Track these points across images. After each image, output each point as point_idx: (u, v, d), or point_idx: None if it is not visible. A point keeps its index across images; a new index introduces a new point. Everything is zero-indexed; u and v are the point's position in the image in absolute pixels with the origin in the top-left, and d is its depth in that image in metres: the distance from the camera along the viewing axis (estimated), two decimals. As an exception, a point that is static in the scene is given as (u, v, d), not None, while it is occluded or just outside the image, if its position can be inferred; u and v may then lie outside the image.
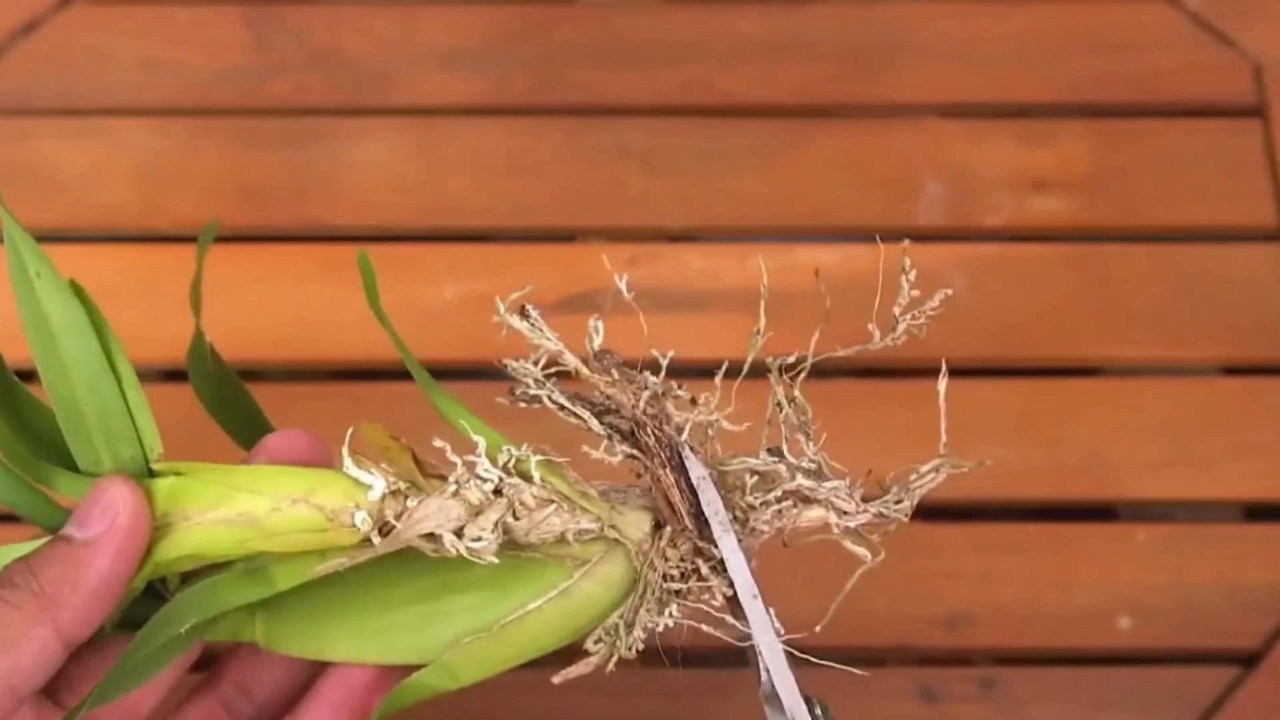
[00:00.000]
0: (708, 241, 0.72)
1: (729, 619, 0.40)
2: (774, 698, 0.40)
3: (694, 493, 0.40)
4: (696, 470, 0.40)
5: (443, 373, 0.69)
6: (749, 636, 0.39)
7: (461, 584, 0.40)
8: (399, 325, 0.69)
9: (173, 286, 0.70)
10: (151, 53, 0.76)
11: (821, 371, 0.67)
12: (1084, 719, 0.61)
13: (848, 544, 0.40)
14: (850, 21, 0.78)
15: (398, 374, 0.69)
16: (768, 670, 0.40)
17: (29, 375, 0.44)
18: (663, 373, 0.41)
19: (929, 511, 0.67)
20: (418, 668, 0.41)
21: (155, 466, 0.40)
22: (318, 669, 0.43)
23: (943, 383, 0.41)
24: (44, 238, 0.71)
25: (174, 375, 0.69)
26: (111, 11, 0.78)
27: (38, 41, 0.77)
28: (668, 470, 0.40)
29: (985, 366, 0.68)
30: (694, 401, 0.41)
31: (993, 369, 0.68)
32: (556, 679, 0.40)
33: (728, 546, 0.39)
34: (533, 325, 0.42)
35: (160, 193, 0.72)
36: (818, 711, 0.40)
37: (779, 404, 0.42)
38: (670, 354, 0.42)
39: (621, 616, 0.40)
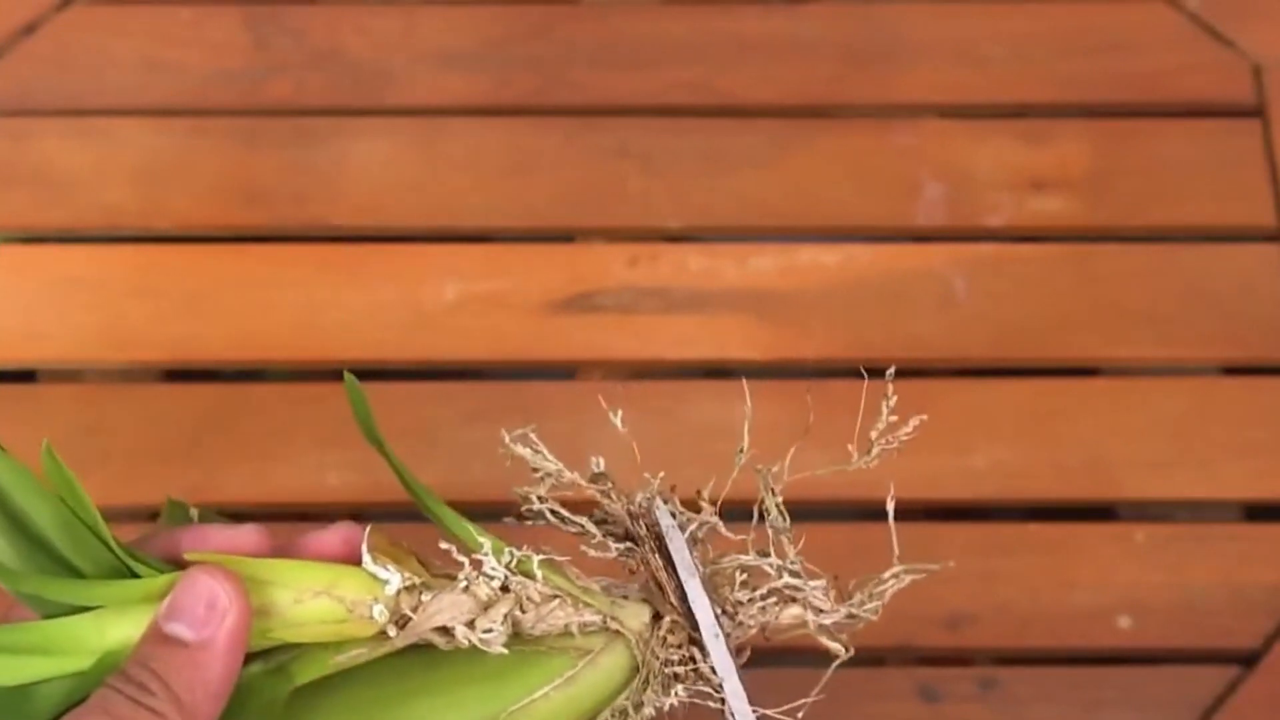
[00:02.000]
0: (708, 241, 0.72)
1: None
2: None
3: (683, 592, 0.43)
4: (685, 571, 0.43)
5: (442, 372, 0.69)
6: None
7: (471, 676, 0.42)
8: (399, 325, 0.69)
9: (173, 286, 0.70)
10: (151, 53, 0.76)
11: (831, 372, 0.68)
12: (1084, 718, 0.61)
13: (823, 640, 0.44)
14: (850, 21, 0.78)
15: (398, 374, 0.69)
16: None
17: (29, 375, 0.44)
18: (655, 484, 0.46)
19: (930, 512, 0.67)
20: None
21: (189, 556, 0.41)
22: None
23: (890, 505, 0.44)
24: (44, 238, 0.72)
25: (174, 375, 0.69)
26: (112, 12, 0.78)
27: (38, 42, 0.77)
28: (660, 571, 0.43)
29: (985, 366, 0.68)
30: (689, 506, 0.44)
31: (993, 369, 0.68)
32: None
33: (717, 652, 0.43)
34: (534, 452, 0.45)
35: (160, 193, 0.72)
36: None
37: (765, 510, 0.46)
38: (660, 475, 0.46)
39: (628, 699, 0.42)
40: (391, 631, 0.41)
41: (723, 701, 0.43)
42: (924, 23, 0.78)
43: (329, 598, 0.41)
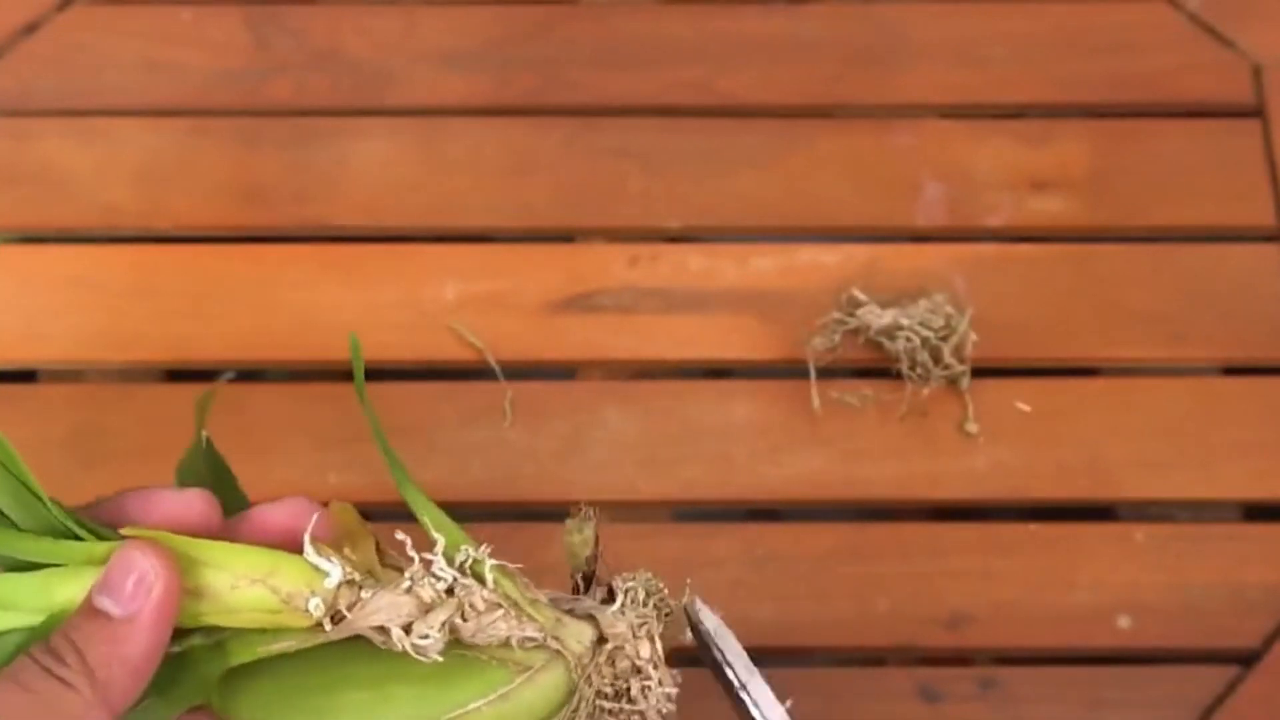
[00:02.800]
0: (708, 241, 0.72)
1: None
2: None
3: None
4: (746, 672, 0.43)
5: (442, 372, 0.69)
6: None
7: (408, 675, 0.41)
8: (399, 325, 0.69)
9: (173, 286, 0.70)
10: (151, 53, 0.76)
11: (829, 371, 0.68)
12: (1084, 719, 0.61)
13: None
14: (850, 21, 0.78)
15: (398, 374, 0.69)
16: None
17: (29, 375, 0.44)
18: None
19: (930, 512, 0.67)
20: None
21: (125, 532, 0.40)
22: None
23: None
24: (44, 238, 0.72)
25: (175, 375, 0.69)
26: (112, 12, 0.78)
27: (38, 42, 0.77)
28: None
29: (985, 366, 0.68)
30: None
31: (992, 369, 0.68)
32: None
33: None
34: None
35: (161, 193, 0.72)
36: None
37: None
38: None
39: None
40: (327, 626, 0.40)
41: None
42: (924, 23, 0.78)
43: (265, 586, 0.40)
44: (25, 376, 0.68)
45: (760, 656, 0.47)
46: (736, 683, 0.43)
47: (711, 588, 0.63)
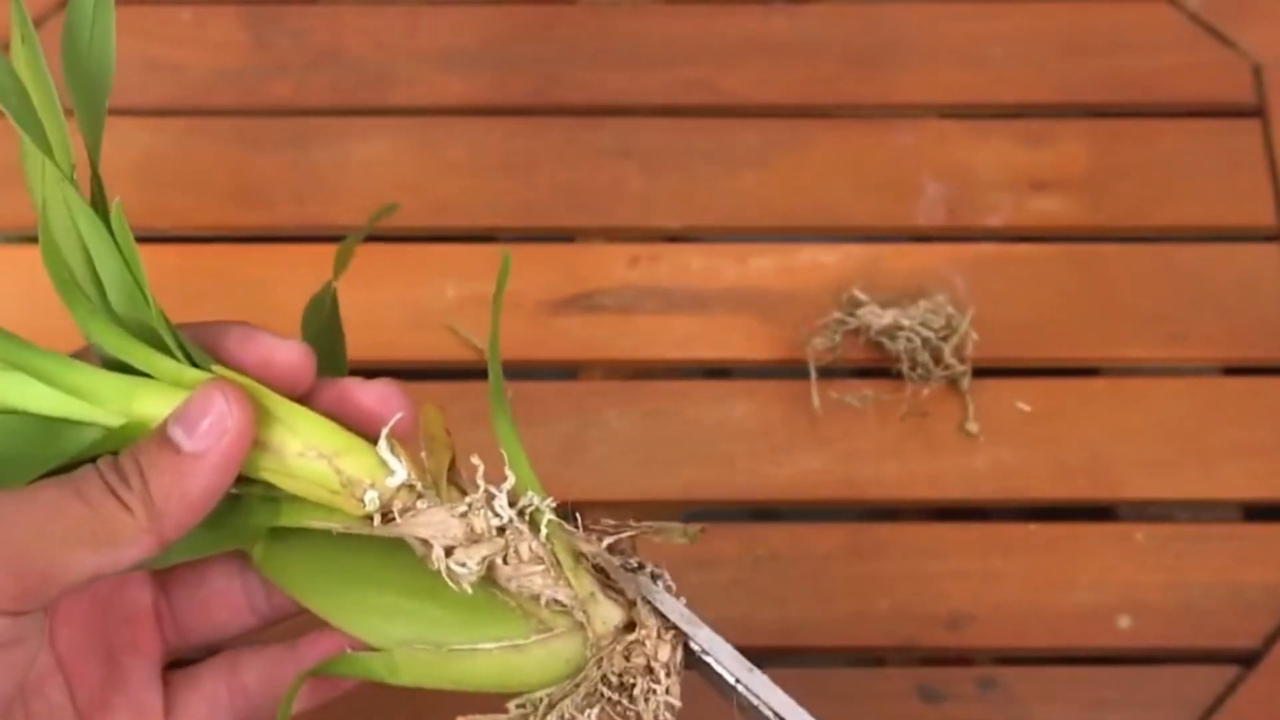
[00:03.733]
0: (708, 241, 0.72)
1: None
2: None
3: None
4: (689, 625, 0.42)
5: (442, 372, 0.69)
6: None
7: (435, 594, 0.41)
8: (398, 325, 0.69)
9: (173, 286, 0.70)
10: (151, 53, 0.76)
11: (829, 371, 0.68)
12: (1084, 719, 0.61)
13: None
14: (850, 21, 0.78)
15: (398, 374, 0.69)
16: None
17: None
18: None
19: (930, 512, 0.67)
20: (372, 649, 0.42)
21: (216, 370, 0.40)
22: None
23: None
24: (44, 238, 0.72)
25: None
26: (111, 11, 0.77)
27: (39, 41, 0.76)
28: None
29: (985, 366, 0.68)
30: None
31: (993, 369, 0.68)
32: None
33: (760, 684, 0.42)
34: None
35: (161, 193, 0.72)
36: None
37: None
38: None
39: (549, 695, 0.41)
40: (376, 521, 0.40)
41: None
42: (924, 23, 0.78)
43: (329, 464, 0.40)
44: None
45: (760, 656, 0.47)
46: (698, 650, 0.42)
47: (711, 588, 0.63)
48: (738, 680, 0.42)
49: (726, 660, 0.42)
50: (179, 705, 0.44)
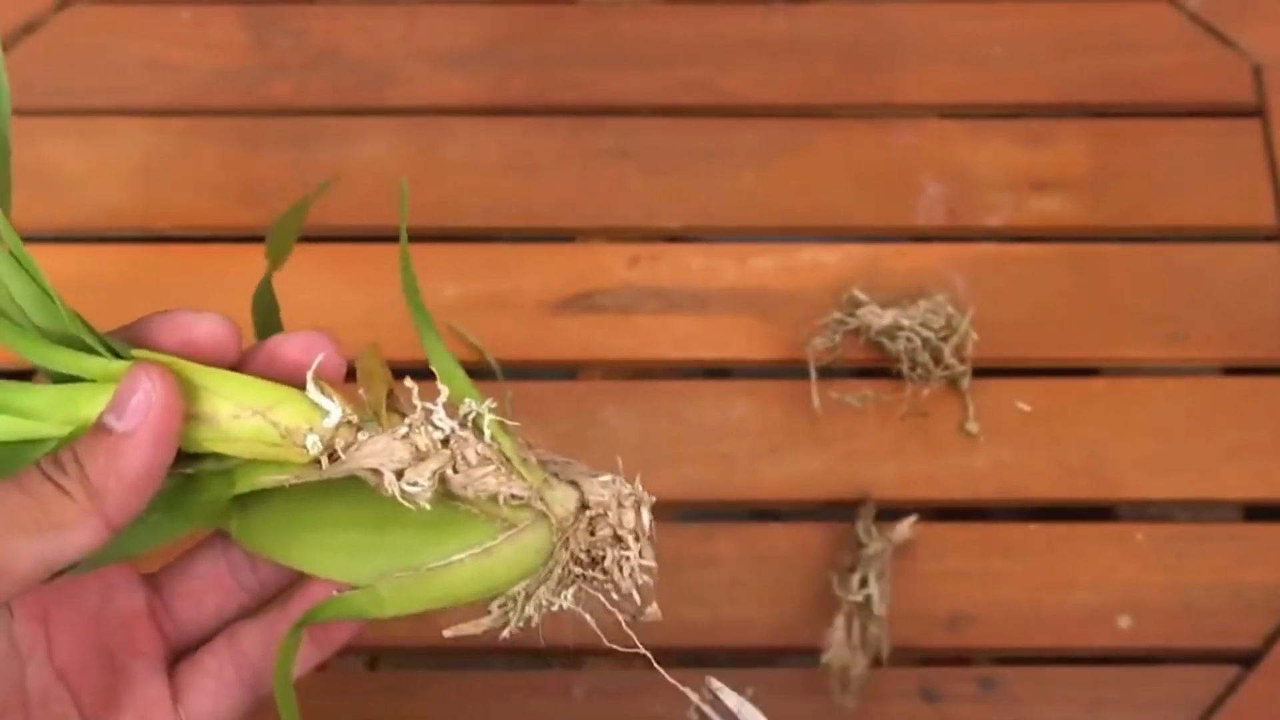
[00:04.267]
0: (708, 241, 0.72)
1: (622, 620, 0.41)
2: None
3: None
4: None
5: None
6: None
7: (401, 521, 0.41)
8: (398, 324, 0.69)
9: (173, 286, 0.70)
10: (151, 53, 0.76)
11: (829, 371, 0.68)
12: (1084, 719, 0.61)
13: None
14: (850, 21, 0.78)
15: (398, 374, 0.69)
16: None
17: (30, 375, 0.44)
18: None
19: (930, 512, 0.67)
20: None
21: (135, 353, 0.41)
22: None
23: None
24: (45, 238, 0.72)
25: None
26: (111, 12, 0.78)
27: (38, 42, 0.77)
28: None
29: (985, 366, 0.68)
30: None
31: (993, 369, 0.68)
32: (447, 632, 0.42)
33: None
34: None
35: (161, 193, 0.72)
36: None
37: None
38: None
39: (525, 587, 0.41)
40: (324, 464, 0.41)
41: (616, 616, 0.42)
42: (924, 23, 0.78)
43: (264, 419, 0.41)
44: (26, 376, 0.68)
45: (760, 656, 0.47)
46: None
47: (711, 588, 0.63)
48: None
49: None
50: (187, 689, 0.44)
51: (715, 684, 0.41)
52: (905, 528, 0.63)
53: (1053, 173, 0.73)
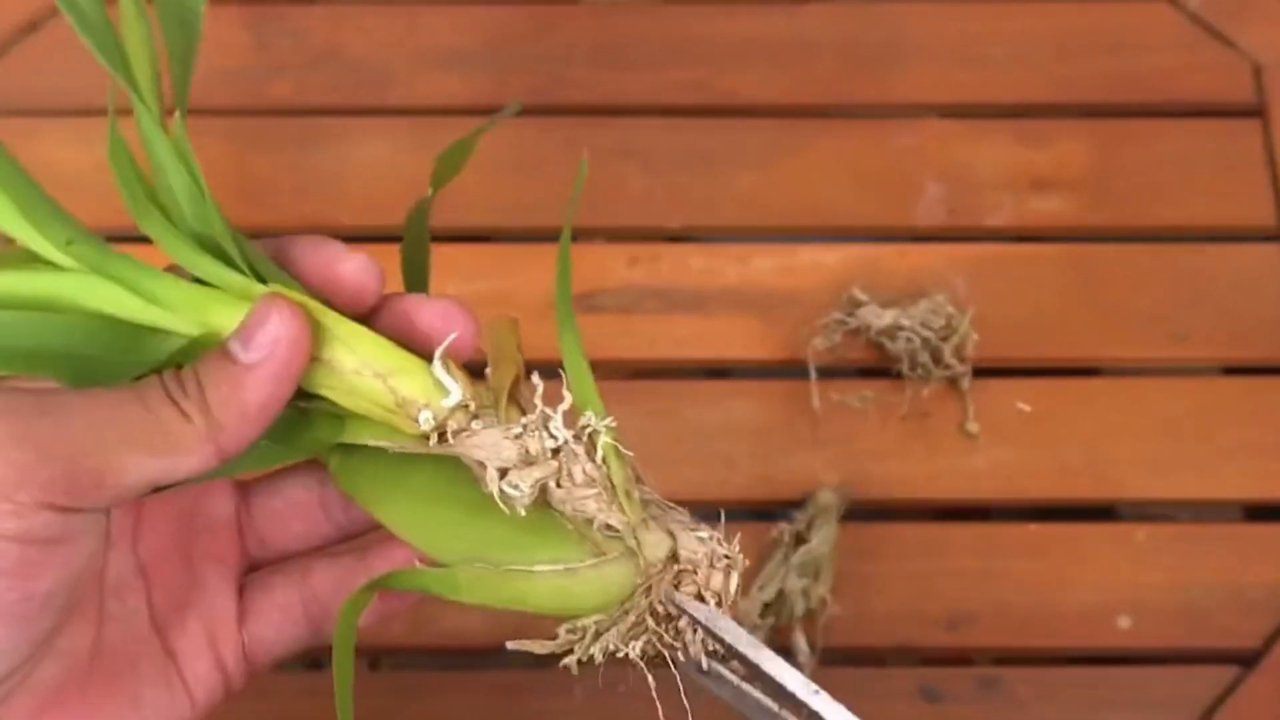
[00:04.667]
0: (708, 241, 0.72)
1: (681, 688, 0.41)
2: None
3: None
4: (751, 649, 0.40)
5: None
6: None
7: (496, 512, 0.41)
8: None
9: (173, 286, 0.70)
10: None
11: (829, 371, 0.68)
12: (1084, 719, 0.61)
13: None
14: (850, 21, 0.78)
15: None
16: None
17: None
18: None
19: (930, 512, 0.67)
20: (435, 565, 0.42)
21: (272, 287, 0.40)
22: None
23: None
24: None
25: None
26: (112, 12, 0.77)
27: (39, 41, 0.77)
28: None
29: (985, 366, 0.68)
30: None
31: (993, 369, 0.68)
32: (511, 644, 0.41)
33: (823, 705, 0.40)
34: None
35: (160, 193, 0.72)
36: None
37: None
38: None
39: (597, 623, 0.41)
40: (432, 441, 0.40)
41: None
42: (924, 23, 0.78)
43: (384, 384, 0.40)
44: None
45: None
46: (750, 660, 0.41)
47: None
48: (781, 707, 0.42)
49: (793, 683, 0.41)
50: (253, 612, 0.44)
51: (679, 597, 0.40)
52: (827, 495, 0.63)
53: (1053, 173, 0.73)
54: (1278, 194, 0.72)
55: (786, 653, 0.61)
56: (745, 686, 0.42)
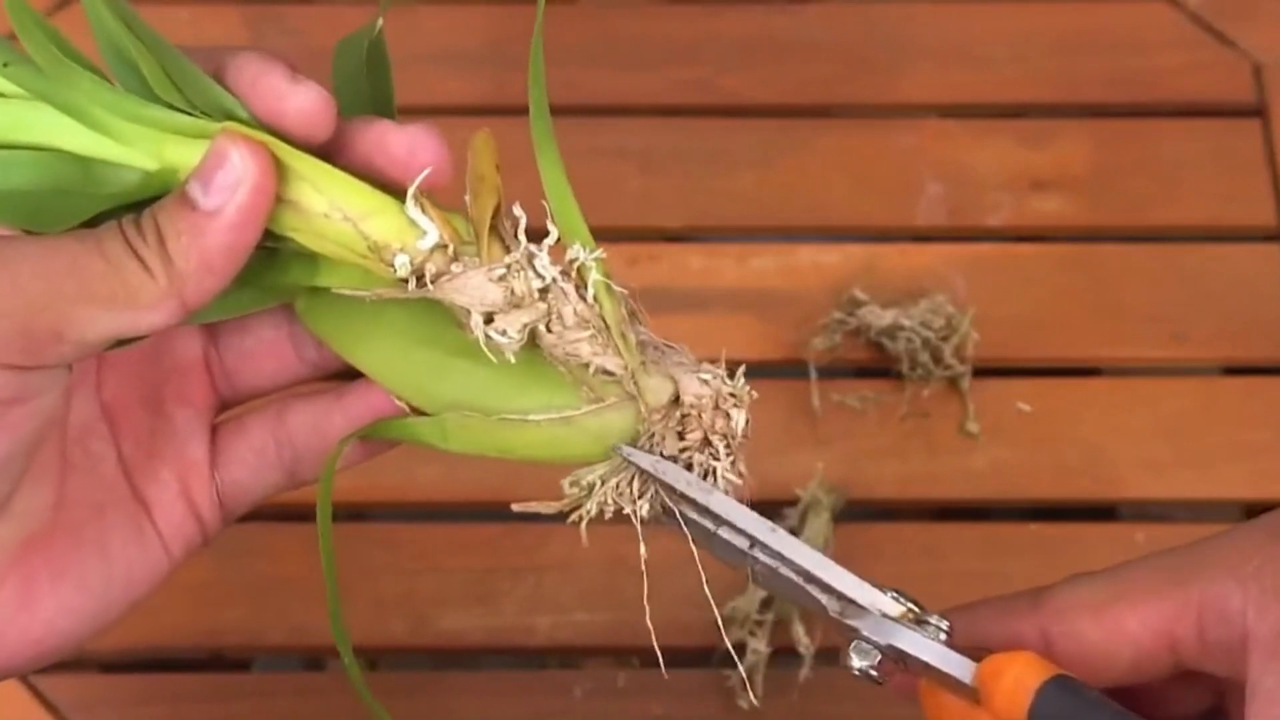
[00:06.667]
0: (708, 241, 0.72)
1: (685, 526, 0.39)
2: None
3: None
4: (701, 493, 0.39)
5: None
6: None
7: (486, 357, 0.38)
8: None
9: (173, 286, 0.70)
10: (151, 53, 0.76)
11: (829, 371, 0.67)
12: (1084, 719, 0.61)
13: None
14: (851, 22, 0.78)
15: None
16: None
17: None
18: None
19: (930, 512, 0.67)
20: (419, 412, 0.40)
21: (228, 125, 0.37)
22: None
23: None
24: (44, 238, 0.72)
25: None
26: None
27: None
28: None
29: (985, 366, 0.68)
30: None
31: (993, 369, 0.68)
32: (516, 506, 0.39)
33: (797, 548, 0.39)
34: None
35: (160, 193, 0.72)
36: None
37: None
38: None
39: (600, 474, 0.38)
40: (411, 285, 0.37)
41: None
42: (924, 23, 0.78)
43: (356, 228, 0.37)
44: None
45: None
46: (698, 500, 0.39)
47: (711, 587, 0.63)
48: (752, 545, 0.40)
49: (748, 523, 0.39)
50: (225, 456, 0.42)
51: (626, 450, 0.38)
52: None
53: (1053, 173, 0.73)
54: (1278, 194, 0.72)
55: (788, 649, 0.61)
56: (722, 533, 0.40)
